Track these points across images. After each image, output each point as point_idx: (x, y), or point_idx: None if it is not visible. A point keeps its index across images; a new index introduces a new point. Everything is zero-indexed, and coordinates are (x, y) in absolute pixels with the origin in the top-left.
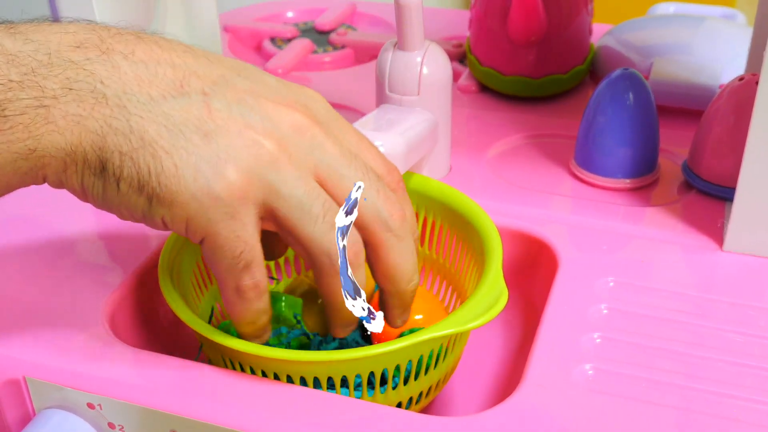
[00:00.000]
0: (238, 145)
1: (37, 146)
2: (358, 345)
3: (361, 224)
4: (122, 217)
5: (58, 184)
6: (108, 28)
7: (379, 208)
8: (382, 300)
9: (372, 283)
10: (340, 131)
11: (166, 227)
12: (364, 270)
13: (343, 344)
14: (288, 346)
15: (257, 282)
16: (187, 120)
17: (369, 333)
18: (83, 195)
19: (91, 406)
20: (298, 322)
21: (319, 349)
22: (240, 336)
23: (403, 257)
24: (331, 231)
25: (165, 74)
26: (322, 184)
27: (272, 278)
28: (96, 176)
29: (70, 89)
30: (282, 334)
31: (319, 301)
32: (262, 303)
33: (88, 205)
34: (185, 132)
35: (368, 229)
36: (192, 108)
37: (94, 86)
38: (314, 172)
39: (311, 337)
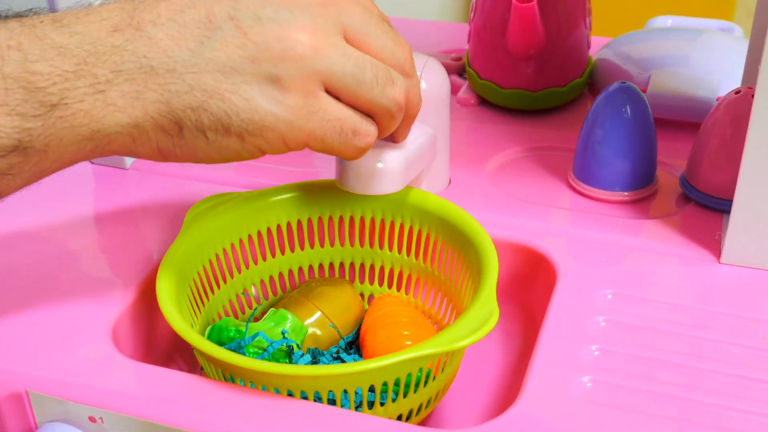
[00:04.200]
0: (281, 52)
1: (101, 127)
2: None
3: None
4: (211, 162)
5: (129, 154)
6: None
7: (393, 51)
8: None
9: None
10: None
11: (264, 154)
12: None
13: (315, 361)
14: (271, 358)
15: (368, 131)
16: (232, 55)
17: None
18: (162, 157)
19: (92, 419)
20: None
21: (298, 362)
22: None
23: (414, 92)
24: (385, 89)
25: (192, 19)
26: (352, 44)
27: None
28: (176, 137)
29: (120, 71)
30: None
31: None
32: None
33: (90, 220)
34: (236, 67)
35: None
36: (228, 40)
37: (140, 62)
38: (345, 37)
39: (295, 350)
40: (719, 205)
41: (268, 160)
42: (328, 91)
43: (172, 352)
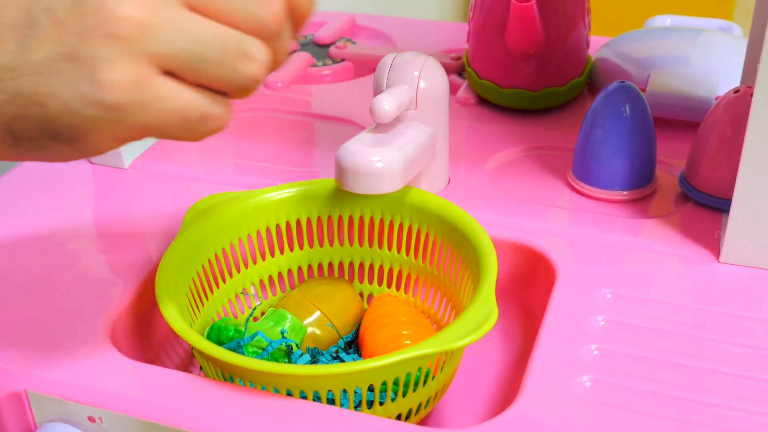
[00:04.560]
0: (102, 41)
1: None
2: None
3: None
4: (65, 161)
5: None
6: None
7: (253, 12)
8: None
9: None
10: None
11: (104, 152)
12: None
13: (314, 360)
14: (270, 357)
15: (220, 115)
16: (49, 53)
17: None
18: (18, 159)
19: (91, 419)
20: (283, 336)
21: (297, 362)
22: None
23: (284, 51)
24: (236, 65)
25: (12, 17)
26: (197, 11)
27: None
28: (14, 147)
29: None
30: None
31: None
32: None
33: (89, 220)
34: (53, 66)
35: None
36: (45, 36)
37: None
38: (188, 5)
39: (294, 350)
40: (718, 205)
41: (267, 159)
42: (169, 73)
43: (172, 352)
